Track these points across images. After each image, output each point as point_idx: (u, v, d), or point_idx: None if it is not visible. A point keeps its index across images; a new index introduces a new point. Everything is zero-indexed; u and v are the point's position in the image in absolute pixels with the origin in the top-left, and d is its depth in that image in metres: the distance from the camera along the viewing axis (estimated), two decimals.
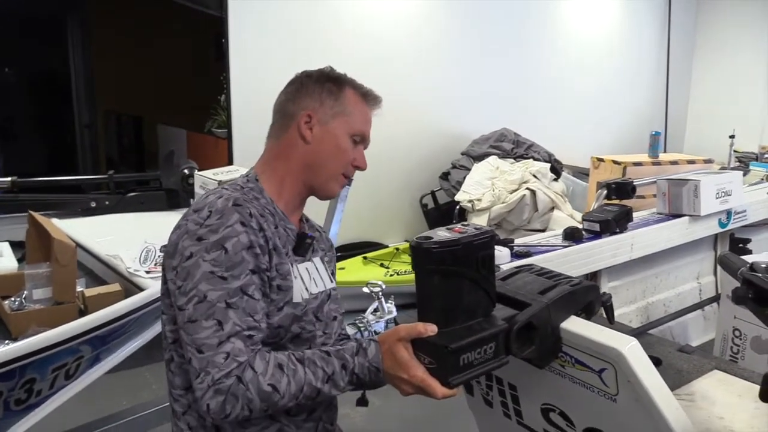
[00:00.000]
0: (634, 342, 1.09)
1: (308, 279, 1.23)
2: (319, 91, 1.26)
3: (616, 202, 2.64)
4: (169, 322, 1.16)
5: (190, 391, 1.11)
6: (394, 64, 5.12)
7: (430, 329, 1.05)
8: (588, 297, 1.24)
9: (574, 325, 1.17)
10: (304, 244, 1.24)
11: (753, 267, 1.39)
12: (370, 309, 3.00)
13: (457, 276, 1.06)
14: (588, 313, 1.24)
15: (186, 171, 2.86)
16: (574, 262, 2.14)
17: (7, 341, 1.66)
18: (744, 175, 3.96)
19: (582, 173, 5.60)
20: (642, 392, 1.07)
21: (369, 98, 1.31)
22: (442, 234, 1.07)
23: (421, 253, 1.04)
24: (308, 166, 1.25)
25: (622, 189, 2.41)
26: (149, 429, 2.35)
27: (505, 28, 5.89)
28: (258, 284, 1.10)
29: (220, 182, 2.52)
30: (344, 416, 1.50)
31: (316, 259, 1.30)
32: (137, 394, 3.27)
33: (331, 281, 1.34)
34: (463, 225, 1.11)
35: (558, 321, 1.17)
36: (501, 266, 1.69)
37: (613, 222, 2.33)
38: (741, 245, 2.85)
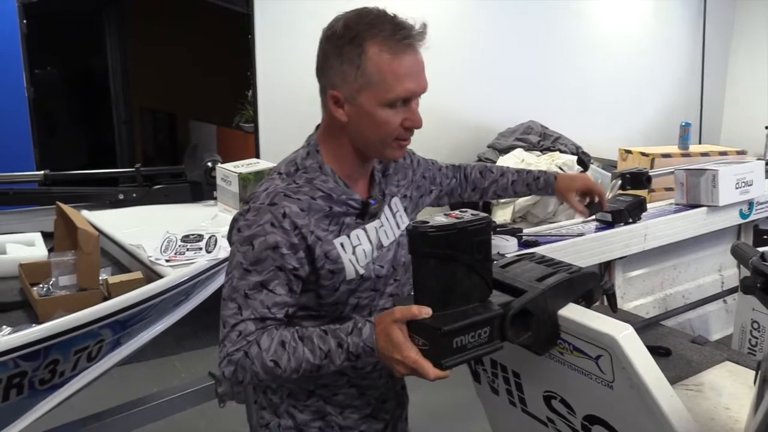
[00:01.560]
0: (629, 329, 1.08)
1: (374, 238, 1.27)
2: (339, 63, 1.14)
3: (643, 192, 2.58)
4: None
5: None
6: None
7: (425, 312, 1.06)
8: (587, 285, 1.23)
9: (572, 312, 1.17)
10: (368, 211, 1.27)
11: (764, 256, 1.36)
12: None
13: (453, 260, 1.07)
14: (588, 301, 1.24)
15: (209, 164, 2.92)
16: (584, 252, 2.11)
17: (33, 325, 1.73)
18: None
19: (612, 166, 5.50)
20: (636, 379, 1.07)
21: (399, 48, 1.13)
22: (438, 219, 1.09)
23: (417, 237, 1.06)
24: (354, 142, 1.22)
25: (636, 179, 2.35)
26: (176, 413, 2.41)
27: (533, 19, 5.82)
28: (283, 280, 1.16)
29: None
30: None
31: (395, 201, 1.36)
32: (167, 382, 3.37)
33: (404, 222, 1.36)
34: (460, 211, 1.12)
35: (555, 308, 1.18)
36: (507, 255, 1.69)
37: (626, 212, 2.28)
38: (766, 237, 2.76)
